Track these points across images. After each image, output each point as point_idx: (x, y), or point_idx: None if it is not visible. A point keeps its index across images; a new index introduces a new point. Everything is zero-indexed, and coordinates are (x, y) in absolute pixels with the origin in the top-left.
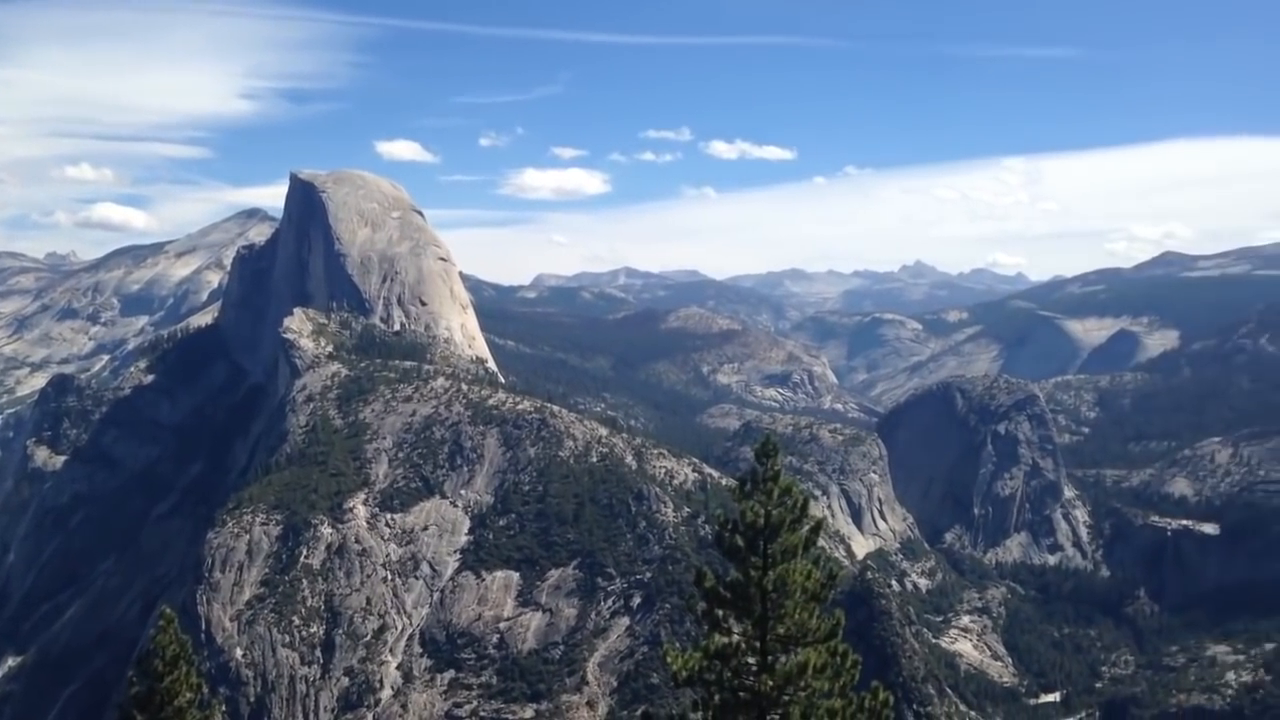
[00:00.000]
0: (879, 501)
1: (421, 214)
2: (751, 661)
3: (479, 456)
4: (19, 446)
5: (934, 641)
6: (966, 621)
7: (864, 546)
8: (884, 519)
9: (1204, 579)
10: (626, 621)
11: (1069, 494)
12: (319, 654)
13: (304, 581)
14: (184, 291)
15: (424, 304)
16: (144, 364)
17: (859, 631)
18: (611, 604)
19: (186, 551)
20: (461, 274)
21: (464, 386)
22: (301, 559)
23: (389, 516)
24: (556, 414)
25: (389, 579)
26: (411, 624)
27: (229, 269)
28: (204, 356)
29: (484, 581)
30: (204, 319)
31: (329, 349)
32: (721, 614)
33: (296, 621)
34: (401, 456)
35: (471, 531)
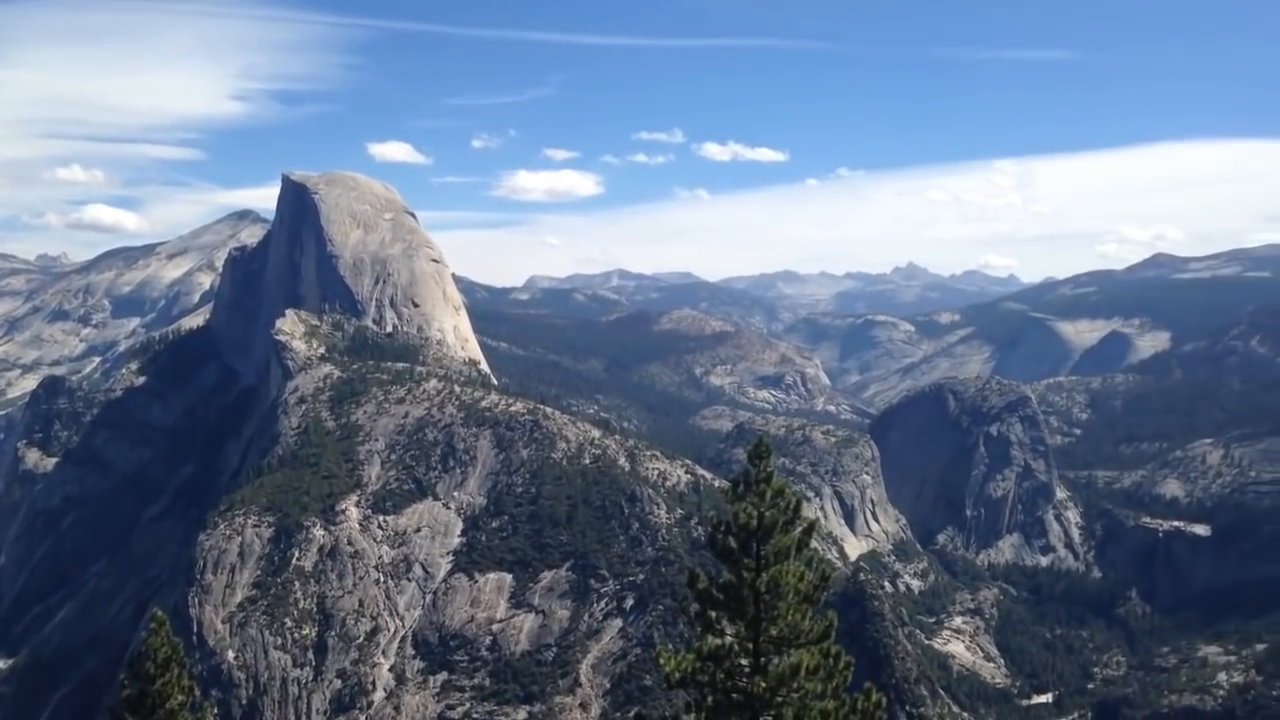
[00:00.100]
0: (871, 503)
1: (414, 215)
2: (744, 663)
3: (471, 458)
4: (10, 448)
5: (927, 643)
6: (959, 623)
7: (857, 548)
8: (877, 520)
9: (1195, 580)
10: (619, 623)
11: (1061, 495)
12: (311, 656)
13: (296, 583)
14: (175, 293)
15: (416, 306)
16: (135, 366)
17: (852, 633)
18: (604, 606)
19: (178, 554)
20: (454, 276)
21: (456, 388)
22: (294, 561)
23: (381, 518)
24: (549, 416)
25: (381, 581)
26: (404, 626)
27: (221, 271)
28: (196, 358)
29: (477, 583)
30: (195, 321)
31: (321, 351)
32: (714, 616)
33: (289, 623)
34: (394, 458)
35: (464, 533)
